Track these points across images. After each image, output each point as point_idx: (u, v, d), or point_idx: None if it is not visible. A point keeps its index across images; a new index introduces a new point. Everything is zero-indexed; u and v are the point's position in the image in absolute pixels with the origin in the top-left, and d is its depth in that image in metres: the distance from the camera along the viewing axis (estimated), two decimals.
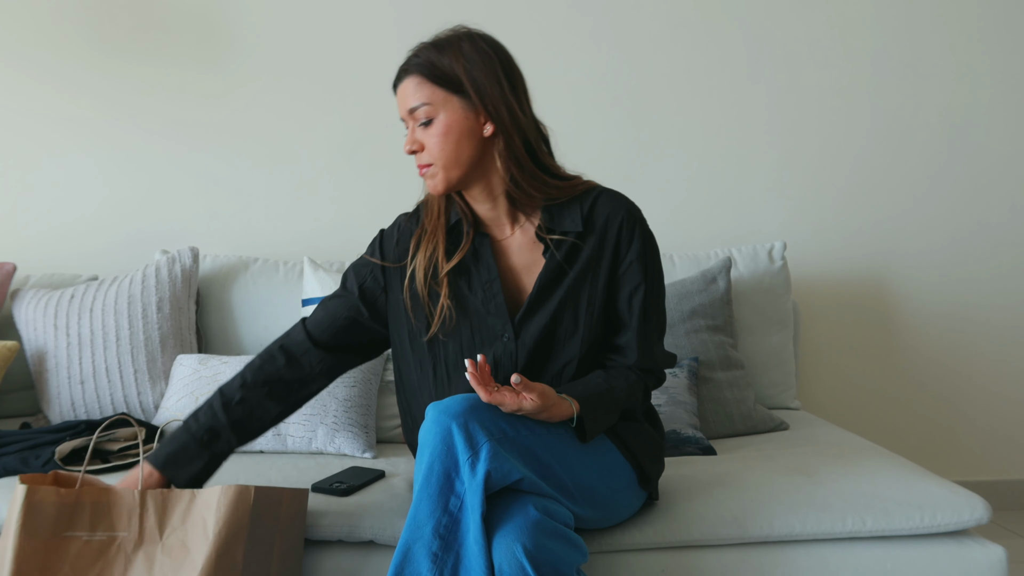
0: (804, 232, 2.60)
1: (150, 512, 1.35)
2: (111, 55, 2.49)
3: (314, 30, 2.52)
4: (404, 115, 1.39)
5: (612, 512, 1.40)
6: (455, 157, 1.35)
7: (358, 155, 2.54)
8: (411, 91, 1.36)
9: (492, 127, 1.36)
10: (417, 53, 1.37)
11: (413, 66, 1.36)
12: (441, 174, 1.37)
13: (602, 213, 1.42)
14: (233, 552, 1.30)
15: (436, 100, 1.34)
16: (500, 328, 1.41)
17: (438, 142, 1.35)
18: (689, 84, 2.58)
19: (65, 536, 1.32)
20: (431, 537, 1.17)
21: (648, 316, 1.44)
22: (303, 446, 1.84)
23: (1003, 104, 2.63)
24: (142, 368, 2.06)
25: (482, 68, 1.35)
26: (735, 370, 2.08)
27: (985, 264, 2.65)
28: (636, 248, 1.42)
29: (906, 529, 1.46)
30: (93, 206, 2.50)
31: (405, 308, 1.45)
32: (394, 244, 1.50)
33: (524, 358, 1.41)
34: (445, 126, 1.34)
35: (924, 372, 2.66)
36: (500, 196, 1.42)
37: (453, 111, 1.34)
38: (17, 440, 1.79)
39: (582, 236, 1.41)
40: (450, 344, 1.43)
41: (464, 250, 1.42)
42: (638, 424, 1.47)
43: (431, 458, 1.20)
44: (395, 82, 1.40)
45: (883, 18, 2.60)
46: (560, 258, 1.40)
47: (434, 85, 1.34)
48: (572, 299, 1.42)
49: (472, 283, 1.43)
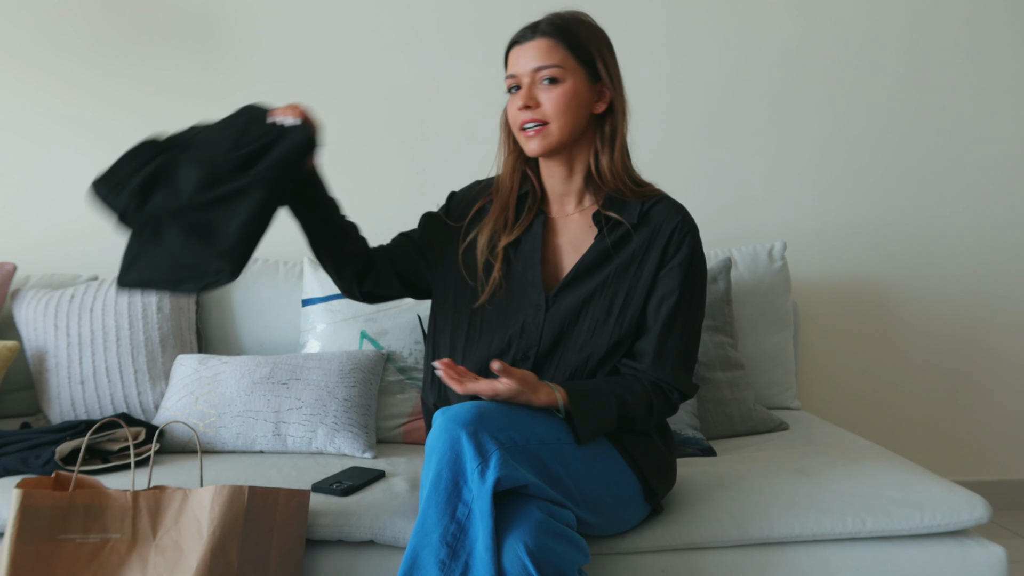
0: (804, 232, 2.60)
1: (143, 513, 1.35)
2: (111, 56, 2.49)
3: (314, 33, 2.52)
4: (522, 71, 1.41)
5: (616, 521, 1.40)
6: (571, 123, 1.40)
7: (358, 156, 2.54)
8: (544, 50, 1.39)
9: (604, 107, 1.43)
10: (551, 20, 1.41)
11: (552, 29, 1.40)
12: (554, 135, 1.41)
13: (659, 214, 1.46)
14: (228, 551, 1.30)
15: (568, 66, 1.39)
16: (535, 298, 1.45)
17: (561, 103, 1.39)
18: (688, 84, 2.58)
19: (59, 539, 1.33)
20: (438, 544, 1.17)
21: (671, 327, 1.43)
22: (303, 446, 1.85)
23: (1004, 104, 2.63)
24: (142, 368, 2.06)
25: (609, 53, 1.44)
26: (735, 370, 2.08)
27: (985, 264, 2.65)
28: (682, 256, 1.44)
29: (906, 529, 1.46)
30: (93, 206, 2.50)
31: (459, 269, 1.51)
32: (460, 204, 1.58)
33: (550, 332, 1.43)
34: (572, 90, 1.39)
35: (924, 372, 2.66)
36: (579, 173, 1.48)
37: (580, 81, 1.40)
38: (17, 440, 1.79)
39: (635, 229, 1.45)
40: (488, 306, 1.48)
41: (524, 225, 1.49)
42: (648, 439, 1.45)
43: (439, 465, 1.20)
44: (519, 39, 1.43)
45: (883, 17, 2.60)
46: (609, 243, 1.44)
47: (568, 52, 1.39)
48: (610, 287, 1.44)
49: (519, 252, 1.49)
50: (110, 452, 1.75)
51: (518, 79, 1.42)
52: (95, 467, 1.69)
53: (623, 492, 1.38)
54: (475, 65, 2.52)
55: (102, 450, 1.75)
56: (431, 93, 2.53)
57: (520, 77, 1.41)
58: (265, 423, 1.85)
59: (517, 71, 1.41)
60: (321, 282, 2.16)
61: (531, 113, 1.40)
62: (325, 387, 1.89)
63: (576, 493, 1.28)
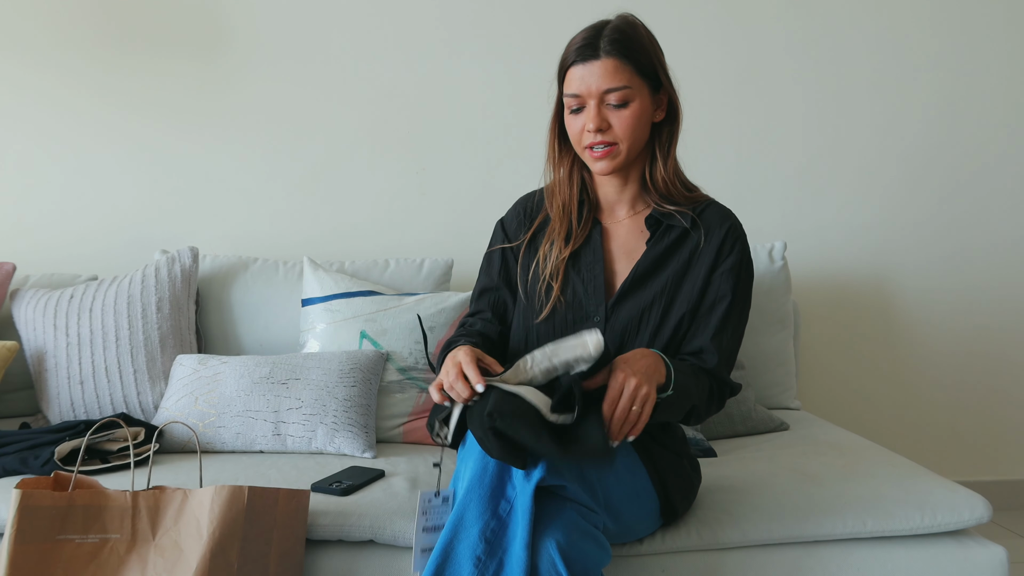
0: (804, 232, 2.60)
1: (142, 513, 1.35)
2: (111, 56, 2.49)
3: (315, 32, 2.52)
4: (589, 91, 1.38)
5: (630, 531, 1.41)
6: (640, 140, 1.42)
7: (358, 155, 2.54)
8: (611, 72, 1.37)
9: (663, 115, 1.44)
10: (613, 38, 1.38)
11: (616, 48, 1.37)
12: (623, 155, 1.41)
13: (711, 217, 1.47)
14: (227, 552, 1.30)
15: (635, 84, 1.38)
16: (593, 310, 1.45)
17: (631, 124, 1.39)
18: (688, 85, 2.57)
19: (58, 539, 1.33)
20: (477, 540, 1.16)
21: (724, 329, 1.43)
22: (303, 446, 1.84)
23: (1004, 103, 2.63)
24: (142, 368, 2.06)
25: (663, 60, 1.43)
26: (735, 370, 2.08)
27: (985, 264, 2.65)
28: (734, 259, 1.45)
29: (906, 529, 1.46)
30: (93, 206, 2.50)
31: (523, 284, 1.51)
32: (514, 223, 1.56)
33: (611, 344, 1.42)
34: (639, 110, 1.39)
35: (924, 372, 2.66)
36: (634, 181, 1.48)
37: (644, 98, 1.40)
38: (17, 440, 1.79)
39: (688, 232, 1.45)
40: (551, 320, 1.47)
41: (583, 235, 1.49)
42: (679, 462, 1.46)
43: (485, 459, 1.19)
44: (581, 58, 1.39)
45: (884, 17, 2.60)
46: (663, 248, 1.45)
47: (633, 70, 1.38)
48: (666, 294, 1.44)
49: (579, 264, 1.48)
50: (109, 452, 1.75)
51: (583, 100, 1.39)
52: (94, 467, 1.69)
53: (644, 506, 1.39)
54: (475, 65, 2.52)
55: (101, 450, 1.75)
56: (432, 93, 2.53)
57: (586, 98, 1.39)
58: (265, 423, 1.85)
59: (582, 92, 1.39)
60: (321, 282, 2.15)
61: (602, 136, 1.39)
62: (325, 387, 1.89)
63: (604, 500, 1.29)
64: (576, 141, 1.43)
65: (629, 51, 1.38)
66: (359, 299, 2.10)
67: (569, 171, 1.50)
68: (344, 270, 2.25)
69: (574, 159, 1.49)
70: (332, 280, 2.15)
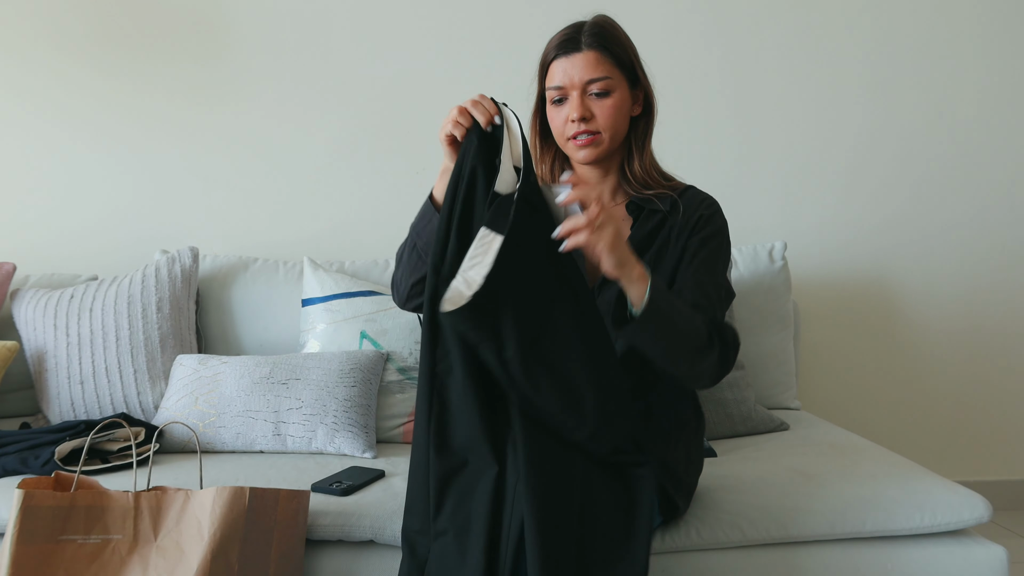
0: (804, 232, 2.60)
1: (144, 514, 1.35)
2: (111, 56, 2.49)
3: (314, 31, 2.52)
4: (572, 83, 1.44)
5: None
6: (620, 130, 1.47)
7: (357, 155, 2.54)
8: (592, 64, 1.44)
9: (640, 109, 1.51)
10: (593, 32, 1.45)
11: (597, 41, 1.44)
12: (606, 144, 1.46)
13: (689, 198, 1.51)
14: (228, 553, 1.31)
15: (615, 76, 1.45)
16: None
17: (612, 114, 1.45)
18: (687, 84, 2.57)
19: (60, 540, 1.33)
20: None
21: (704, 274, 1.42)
22: (303, 446, 1.84)
23: (1005, 103, 2.63)
24: (142, 368, 2.06)
25: (638, 57, 1.50)
26: (735, 370, 2.08)
27: (985, 263, 2.65)
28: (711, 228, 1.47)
29: (906, 529, 1.46)
30: (93, 206, 2.50)
31: None
32: None
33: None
34: (620, 100, 1.46)
35: (924, 372, 2.66)
36: (613, 172, 1.53)
37: (623, 89, 1.47)
38: (17, 440, 1.79)
39: (667, 216, 1.49)
40: None
41: None
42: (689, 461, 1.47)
43: None
44: (563, 51, 1.45)
45: (884, 16, 2.60)
46: (646, 232, 1.48)
47: (613, 63, 1.45)
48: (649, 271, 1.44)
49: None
50: (109, 452, 1.75)
51: (566, 91, 1.45)
52: (94, 467, 1.69)
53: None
54: (475, 64, 2.52)
55: (101, 450, 1.75)
56: (431, 92, 2.52)
57: (568, 89, 1.45)
58: (265, 423, 1.85)
59: (565, 83, 1.45)
60: (321, 282, 2.15)
61: (585, 125, 1.44)
62: (325, 387, 1.89)
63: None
64: (559, 133, 1.48)
65: (609, 44, 1.45)
66: (359, 299, 2.11)
67: (551, 166, 1.56)
68: (344, 270, 2.25)
69: (555, 153, 1.55)
70: (332, 280, 2.15)
